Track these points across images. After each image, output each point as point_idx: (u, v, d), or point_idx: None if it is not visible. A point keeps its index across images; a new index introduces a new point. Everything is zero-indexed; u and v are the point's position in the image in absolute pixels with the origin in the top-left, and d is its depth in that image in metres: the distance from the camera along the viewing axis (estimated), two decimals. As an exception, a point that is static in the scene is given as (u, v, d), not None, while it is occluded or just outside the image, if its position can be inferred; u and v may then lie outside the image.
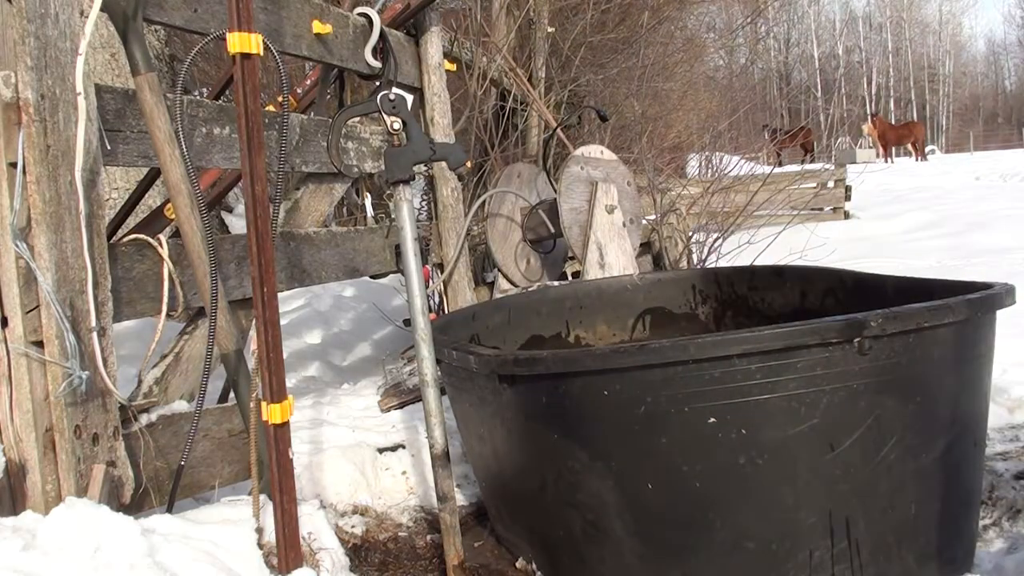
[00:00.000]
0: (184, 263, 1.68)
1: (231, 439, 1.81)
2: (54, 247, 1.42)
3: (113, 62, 3.83)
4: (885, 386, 1.46)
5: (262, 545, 1.52)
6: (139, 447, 1.60)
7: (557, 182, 3.08)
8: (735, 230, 4.72)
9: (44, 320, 1.43)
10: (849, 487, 1.49)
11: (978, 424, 1.66)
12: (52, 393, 1.43)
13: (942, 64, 50.58)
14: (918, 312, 1.48)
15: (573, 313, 2.56)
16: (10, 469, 1.43)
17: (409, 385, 2.58)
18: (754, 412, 1.45)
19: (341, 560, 1.65)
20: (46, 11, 1.43)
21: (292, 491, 1.50)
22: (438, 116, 2.88)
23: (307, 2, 2.16)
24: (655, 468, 1.50)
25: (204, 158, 1.83)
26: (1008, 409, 2.55)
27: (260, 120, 1.44)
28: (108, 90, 1.61)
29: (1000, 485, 2.03)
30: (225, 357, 1.70)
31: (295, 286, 2.19)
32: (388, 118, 1.66)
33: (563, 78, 4.81)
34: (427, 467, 2.02)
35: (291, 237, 2.12)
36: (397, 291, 3.87)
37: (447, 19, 3.57)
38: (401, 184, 1.70)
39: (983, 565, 1.71)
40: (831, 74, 44.08)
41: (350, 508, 2.03)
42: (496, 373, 1.62)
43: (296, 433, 1.79)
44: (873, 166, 15.94)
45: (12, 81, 1.40)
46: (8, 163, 1.40)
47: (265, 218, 1.45)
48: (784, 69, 45.91)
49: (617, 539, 1.56)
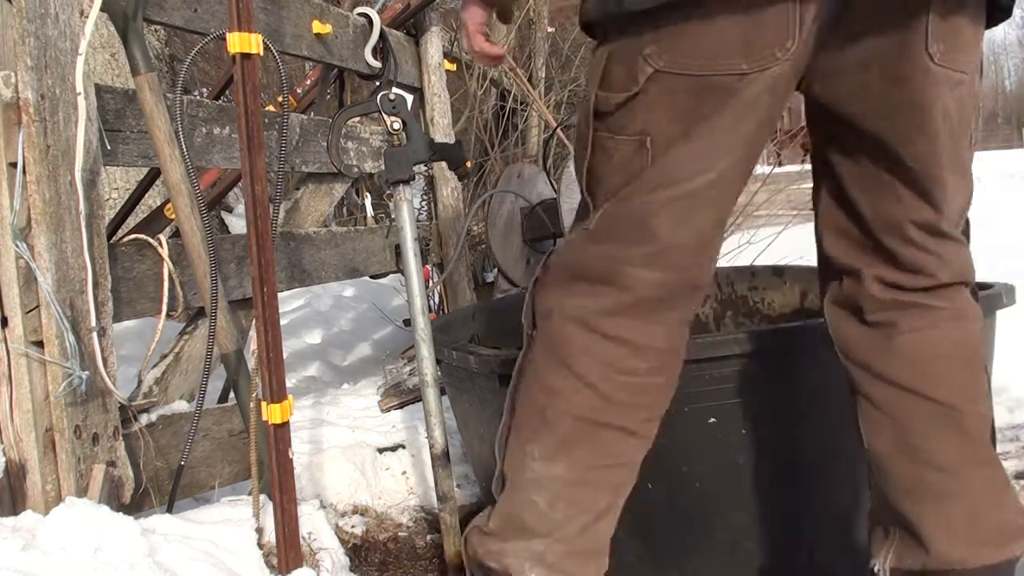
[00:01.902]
0: (184, 263, 1.68)
1: (231, 439, 1.81)
2: (54, 247, 1.42)
3: (113, 62, 3.83)
4: (885, 386, 1.46)
5: (262, 545, 1.52)
6: (139, 447, 1.60)
7: (557, 182, 3.08)
8: (735, 230, 4.72)
9: (44, 320, 1.43)
10: (850, 486, 1.49)
11: (978, 424, 1.65)
12: (52, 393, 1.43)
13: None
14: (918, 312, 1.47)
15: (573, 313, 2.55)
16: (10, 469, 1.43)
17: (409, 385, 2.58)
18: (754, 412, 1.46)
19: (341, 560, 1.65)
20: (46, 11, 1.43)
21: (292, 491, 1.50)
22: (438, 116, 2.88)
23: (307, 2, 2.16)
24: (655, 468, 1.50)
25: (204, 158, 1.83)
26: (1008, 409, 2.55)
27: (260, 120, 1.44)
28: (108, 90, 1.61)
29: (1000, 485, 2.02)
30: (225, 357, 1.70)
31: (295, 286, 2.19)
32: (388, 118, 1.66)
33: (563, 78, 4.81)
34: (427, 467, 2.02)
35: (291, 237, 2.12)
36: (397, 291, 3.87)
37: (447, 19, 3.57)
38: (401, 184, 1.70)
39: (983, 565, 1.71)
40: (831, 74, 43.95)
41: (350, 508, 2.03)
42: (496, 373, 1.62)
43: (296, 433, 1.79)
44: (873, 166, 15.90)
45: (12, 81, 1.40)
46: (8, 163, 1.40)
47: (265, 218, 1.45)
48: (784, 69, 45.76)
49: (617, 539, 1.56)
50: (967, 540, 1.13)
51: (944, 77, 1.09)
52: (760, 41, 1.04)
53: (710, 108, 1.07)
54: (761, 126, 1.10)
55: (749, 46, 1.04)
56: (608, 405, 1.16)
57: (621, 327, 1.15)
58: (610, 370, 1.15)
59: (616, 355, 1.15)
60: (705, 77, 1.06)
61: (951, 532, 1.14)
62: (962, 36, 1.09)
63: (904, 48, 1.07)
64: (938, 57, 1.07)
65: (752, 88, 1.06)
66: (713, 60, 1.05)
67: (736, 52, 1.04)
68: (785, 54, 1.04)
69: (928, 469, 1.15)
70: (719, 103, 1.07)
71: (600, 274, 1.15)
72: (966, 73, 1.12)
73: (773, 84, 1.07)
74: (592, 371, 1.15)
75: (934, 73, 1.08)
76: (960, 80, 1.11)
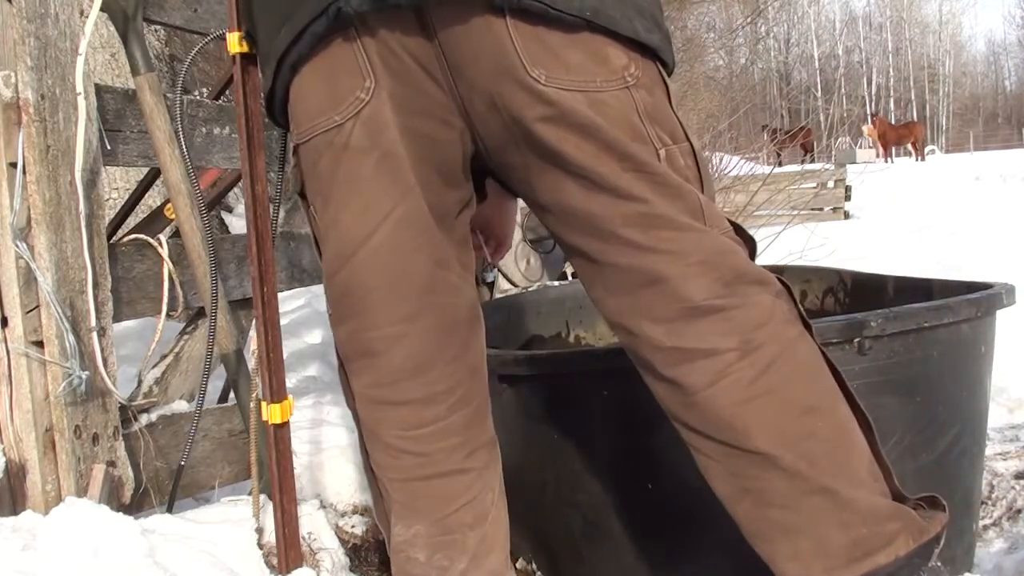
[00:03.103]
0: (184, 263, 1.68)
1: (231, 439, 1.81)
2: (54, 247, 1.42)
3: (113, 62, 3.83)
4: (885, 386, 1.46)
5: (262, 545, 1.52)
6: (139, 447, 1.60)
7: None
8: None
9: (44, 320, 1.43)
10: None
11: (978, 424, 1.66)
12: (52, 393, 1.43)
13: (942, 64, 50.63)
14: (918, 312, 1.48)
15: (573, 313, 2.55)
16: (10, 469, 1.43)
17: (409, 385, 2.58)
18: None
19: (341, 560, 1.65)
20: (46, 11, 1.43)
21: (292, 491, 1.50)
22: (438, 116, 2.88)
23: (307, 2, 2.15)
24: (655, 468, 1.50)
25: (204, 158, 1.83)
26: (1008, 409, 2.55)
27: (260, 120, 1.44)
28: (108, 90, 1.61)
29: (1000, 485, 2.03)
30: (225, 357, 1.70)
31: (295, 286, 2.19)
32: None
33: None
34: (427, 467, 2.02)
35: (291, 237, 2.12)
36: (397, 291, 3.86)
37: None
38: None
39: (983, 565, 1.71)
40: (831, 74, 44.11)
41: (350, 508, 2.03)
42: (496, 373, 1.62)
43: (296, 433, 1.79)
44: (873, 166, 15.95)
45: (12, 81, 1.40)
46: (8, 163, 1.40)
47: (265, 218, 1.45)
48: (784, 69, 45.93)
49: (617, 539, 1.56)
50: (823, 569, 1.10)
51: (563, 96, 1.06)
52: (341, 89, 1.09)
53: (329, 166, 1.12)
54: (390, 159, 1.11)
55: (334, 97, 1.09)
56: (422, 460, 1.19)
57: (402, 389, 1.17)
58: (408, 429, 1.18)
59: (405, 414, 1.18)
60: (313, 139, 1.12)
61: (805, 565, 1.11)
62: (567, 56, 1.07)
63: (506, 80, 1.07)
64: (543, 80, 1.06)
65: (355, 134, 1.09)
66: (312, 121, 1.11)
67: (326, 106, 1.10)
68: (367, 93, 1.08)
69: (770, 508, 1.12)
70: (333, 160, 1.11)
71: (354, 350, 1.19)
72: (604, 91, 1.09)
73: (374, 124, 1.09)
74: (394, 435, 1.19)
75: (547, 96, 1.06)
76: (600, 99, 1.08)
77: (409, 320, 1.15)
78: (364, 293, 1.14)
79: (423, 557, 1.20)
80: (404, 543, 1.22)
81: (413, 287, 1.15)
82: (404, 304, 1.15)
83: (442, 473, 1.20)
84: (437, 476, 1.19)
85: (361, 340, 1.17)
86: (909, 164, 20.62)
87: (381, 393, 1.18)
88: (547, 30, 1.05)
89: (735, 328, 1.08)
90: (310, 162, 1.14)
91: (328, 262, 1.17)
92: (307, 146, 1.13)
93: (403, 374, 1.17)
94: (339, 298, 1.17)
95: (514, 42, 1.05)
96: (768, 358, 1.08)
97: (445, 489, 1.20)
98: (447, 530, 1.20)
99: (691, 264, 1.06)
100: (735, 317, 1.08)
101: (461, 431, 1.21)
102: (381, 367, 1.17)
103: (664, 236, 1.07)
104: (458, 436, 1.21)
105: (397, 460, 1.20)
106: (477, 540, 1.22)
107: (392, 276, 1.14)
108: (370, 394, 1.19)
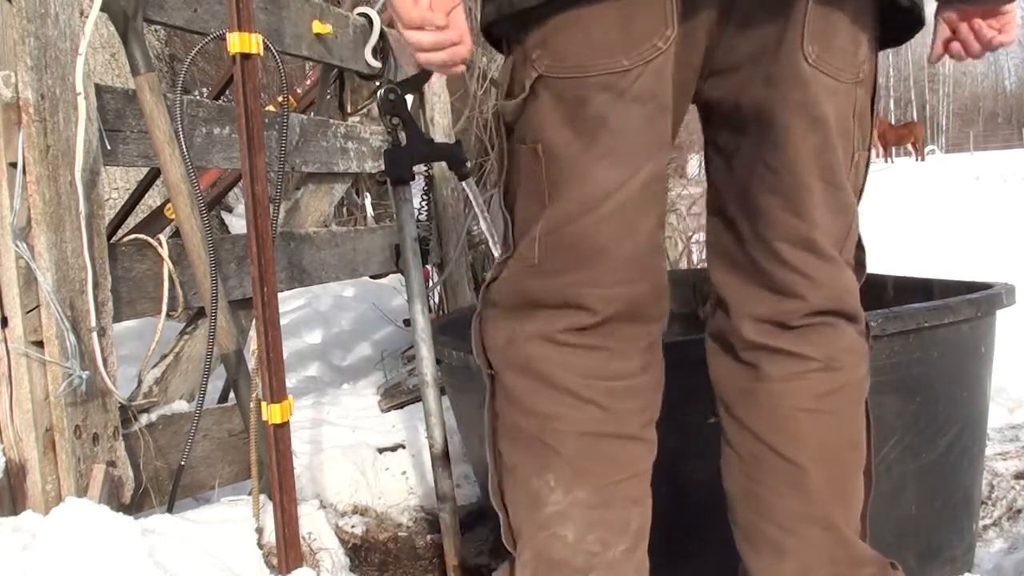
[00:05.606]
0: (184, 263, 1.68)
1: (231, 439, 1.81)
2: (54, 247, 1.42)
3: (113, 62, 3.83)
4: (885, 386, 1.46)
5: (262, 545, 1.52)
6: (139, 447, 1.60)
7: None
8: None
9: (44, 320, 1.43)
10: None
11: (978, 424, 1.66)
12: (52, 393, 1.43)
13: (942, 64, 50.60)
14: (918, 312, 1.48)
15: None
16: (10, 469, 1.43)
17: (409, 385, 2.58)
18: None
19: (341, 560, 1.65)
20: (46, 11, 1.43)
21: (292, 491, 1.50)
22: (438, 116, 2.88)
23: (307, 2, 2.16)
24: (656, 468, 1.50)
25: (204, 158, 1.83)
26: (1008, 409, 2.55)
27: (260, 120, 1.44)
28: (108, 90, 1.61)
29: (1000, 485, 2.03)
30: (225, 357, 1.70)
31: (295, 286, 2.19)
32: (387, 117, 1.66)
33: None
34: (427, 467, 2.02)
35: (291, 237, 2.12)
36: (397, 291, 3.87)
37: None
38: (401, 184, 1.70)
39: (983, 565, 1.71)
40: (831, 74, 43.94)
41: (350, 508, 2.03)
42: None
43: (296, 433, 1.80)
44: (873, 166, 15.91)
45: (12, 81, 1.40)
46: (8, 163, 1.40)
47: (265, 218, 1.46)
48: (784, 69, 45.76)
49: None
50: None
51: (816, 81, 1.04)
52: (638, 33, 0.99)
53: (600, 110, 1.02)
54: (661, 114, 1.05)
55: (627, 40, 1.00)
56: (606, 415, 1.09)
57: (594, 337, 1.09)
58: (596, 379, 1.09)
59: (597, 362, 1.09)
60: (587, 79, 1.01)
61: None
62: (836, 39, 1.04)
63: (780, 44, 1.02)
64: (812, 59, 1.03)
65: (639, 83, 1.01)
66: (592, 60, 1.01)
67: (615, 48, 1.00)
68: (665, 42, 1.00)
69: (769, 524, 1.13)
70: (607, 104, 1.02)
71: (561, 301, 1.09)
72: (841, 82, 1.06)
73: (659, 75, 1.02)
74: (579, 383, 1.08)
75: (804, 76, 1.03)
76: (836, 89, 1.05)
77: (629, 283, 1.09)
78: (596, 250, 1.06)
79: (572, 536, 1.08)
80: (554, 516, 1.09)
81: (639, 248, 1.08)
82: (630, 267, 1.08)
83: (621, 435, 1.11)
84: (615, 437, 1.10)
85: (575, 295, 1.08)
86: (909, 164, 20.61)
87: (577, 338, 1.09)
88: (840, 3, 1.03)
89: (826, 343, 1.12)
90: (572, 100, 1.03)
91: (563, 209, 1.06)
92: (572, 82, 1.02)
93: (610, 328, 1.10)
94: (563, 249, 1.07)
95: (807, 11, 1.01)
96: (842, 381, 1.13)
97: (619, 452, 1.11)
98: (609, 501, 1.10)
99: (819, 294, 1.12)
100: (829, 335, 1.13)
101: (648, 395, 1.15)
102: (585, 320, 1.09)
103: (808, 260, 1.10)
104: (644, 399, 1.14)
105: (578, 411, 1.08)
106: (640, 521, 1.13)
107: (626, 235, 1.07)
108: (562, 338, 1.09)
